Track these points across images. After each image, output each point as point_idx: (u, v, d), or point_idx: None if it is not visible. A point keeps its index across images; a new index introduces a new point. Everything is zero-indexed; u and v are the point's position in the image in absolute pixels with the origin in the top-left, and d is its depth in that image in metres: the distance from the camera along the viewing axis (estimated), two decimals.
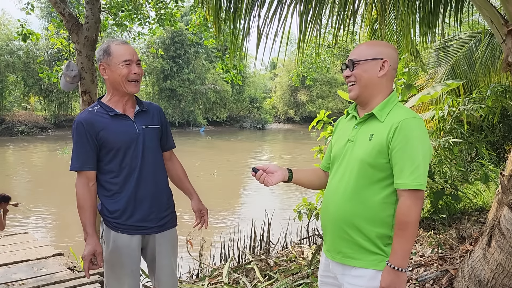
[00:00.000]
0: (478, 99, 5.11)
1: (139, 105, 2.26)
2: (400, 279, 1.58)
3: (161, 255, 2.27)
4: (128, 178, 2.16)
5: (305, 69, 16.35)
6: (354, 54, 1.72)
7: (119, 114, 2.17)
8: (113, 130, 2.13)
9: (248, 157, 19.71)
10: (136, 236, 2.20)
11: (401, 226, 1.57)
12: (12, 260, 4.24)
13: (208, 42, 7.42)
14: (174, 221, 2.36)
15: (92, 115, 2.13)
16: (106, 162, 2.16)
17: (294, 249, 4.91)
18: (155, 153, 2.25)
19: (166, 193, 2.32)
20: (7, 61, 25.96)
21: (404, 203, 1.57)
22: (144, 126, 2.21)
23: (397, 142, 1.58)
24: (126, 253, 2.17)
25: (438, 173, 4.90)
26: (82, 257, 2.09)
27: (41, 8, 27.39)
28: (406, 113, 1.63)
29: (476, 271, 2.82)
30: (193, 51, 33.30)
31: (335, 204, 1.73)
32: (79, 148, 2.12)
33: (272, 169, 1.83)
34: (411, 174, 1.55)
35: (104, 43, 2.17)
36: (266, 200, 9.22)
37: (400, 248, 1.58)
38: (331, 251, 1.78)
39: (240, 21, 3.55)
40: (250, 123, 38.70)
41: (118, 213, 2.16)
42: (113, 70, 2.11)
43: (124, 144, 2.14)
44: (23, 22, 6.53)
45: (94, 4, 4.48)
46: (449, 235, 4.10)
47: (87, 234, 2.10)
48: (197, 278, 4.44)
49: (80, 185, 2.13)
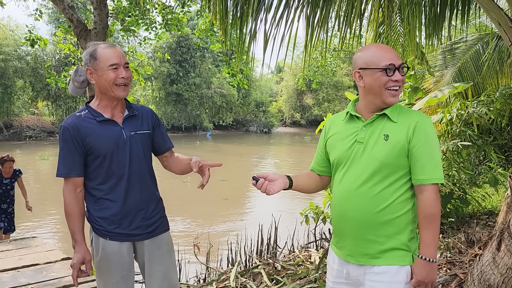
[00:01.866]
0: (486, 102, 5.08)
1: (128, 110, 2.19)
2: (433, 270, 1.65)
3: (153, 262, 2.21)
4: (116, 185, 2.12)
5: (311, 73, 16.35)
6: (399, 58, 1.73)
7: (107, 119, 2.11)
8: (100, 136, 2.07)
9: (254, 161, 19.72)
10: (126, 242, 2.16)
11: (429, 218, 1.65)
12: (21, 264, 4.27)
13: (215, 46, 7.46)
14: (164, 226, 2.28)
15: (79, 120, 2.08)
16: (93, 168, 2.11)
17: (301, 253, 4.90)
18: (143, 159, 2.19)
19: (155, 200, 2.25)
20: (16, 67, 26.26)
21: (429, 197, 1.65)
22: (132, 132, 2.14)
23: (417, 140, 1.66)
24: (115, 260, 2.13)
25: (446, 177, 4.87)
26: (71, 265, 2.06)
27: (49, 14, 27.69)
28: (417, 113, 1.73)
29: (486, 275, 2.80)
30: (199, 55, 33.47)
31: (355, 208, 1.72)
32: (66, 154, 2.08)
33: (273, 178, 1.80)
34: (433, 169, 1.65)
35: (90, 47, 2.12)
36: (273, 204, 9.21)
37: (430, 240, 1.65)
38: (355, 255, 1.76)
39: (247, 25, 3.56)
40: (256, 127, 38.75)
41: (106, 221, 2.12)
42: (100, 75, 2.06)
43: (111, 151, 2.08)
44: (31, 28, 6.60)
45: (102, 10, 4.53)
46: (458, 239, 4.07)
47: (75, 242, 2.07)
48: (204, 282, 4.43)
49: (67, 192, 2.09)
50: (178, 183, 11.41)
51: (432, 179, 1.64)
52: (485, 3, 2.82)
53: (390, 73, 1.68)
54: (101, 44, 2.10)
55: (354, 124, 1.79)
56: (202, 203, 9.91)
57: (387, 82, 1.69)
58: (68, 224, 2.09)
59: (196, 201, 9.70)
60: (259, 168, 17.24)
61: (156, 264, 2.22)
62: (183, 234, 7.25)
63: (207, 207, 9.79)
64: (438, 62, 7.87)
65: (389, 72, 1.68)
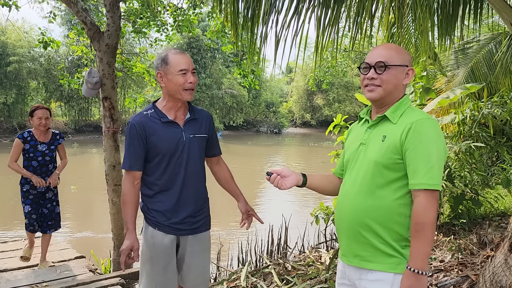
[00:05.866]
0: (500, 103, 5.02)
1: (190, 113, 2.36)
2: (420, 282, 1.55)
3: (192, 255, 2.39)
4: (172, 183, 2.29)
5: (321, 73, 16.30)
6: (383, 56, 1.67)
7: (170, 121, 2.28)
8: (163, 136, 2.25)
9: (264, 161, 19.72)
10: (170, 235, 2.32)
11: (418, 227, 1.55)
12: (36, 262, 4.35)
13: (226, 48, 7.49)
14: (207, 224, 2.48)
15: (146, 119, 2.26)
16: (152, 164, 2.28)
17: (312, 254, 4.90)
18: (198, 161, 2.37)
19: (203, 199, 2.44)
20: (29, 68, 26.58)
21: (420, 203, 1.55)
22: (191, 135, 2.32)
23: (411, 143, 1.58)
24: (160, 250, 2.30)
25: (458, 178, 4.84)
26: (121, 250, 2.23)
27: (61, 16, 28.01)
28: (419, 114, 1.64)
29: (498, 276, 2.78)
30: (210, 56, 33.56)
31: (349, 207, 1.73)
32: (130, 149, 2.25)
33: (286, 173, 1.87)
34: (425, 174, 1.54)
35: (162, 52, 2.30)
36: (283, 205, 9.21)
37: (418, 250, 1.55)
38: (348, 255, 1.76)
39: (258, 27, 3.58)
40: (266, 127, 38.72)
41: (158, 213, 2.29)
42: (170, 79, 2.22)
43: (171, 151, 2.26)
44: (44, 30, 6.69)
45: (115, 13, 4.58)
46: (470, 240, 4.03)
47: (127, 230, 2.24)
48: (215, 281, 4.46)
49: (126, 183, 2.27)
50: None
51: (422, 184, 1.54)
52: (497, 3, 2.81)
53: (365, 72, 1.71)
54: (172, 50, 2.27)
55: (364, 126, 1.81)
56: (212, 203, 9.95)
57: (363, 80, 1.73)
58: (123, 212, 2.29)
59: None
60: (268, 168, 17.20)
61: (196, 258, 2.41)
62: None
63: (217, 207, 9.82)
64: (450, 62, 7.79)
65: (364, 71, 1.72)
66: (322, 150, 20.49)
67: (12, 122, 26.47)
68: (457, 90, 4.65)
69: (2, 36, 25.91)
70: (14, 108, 26.37)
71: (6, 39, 25.91)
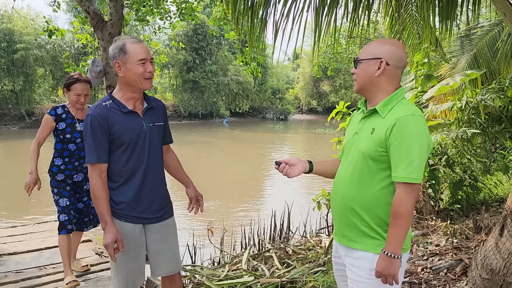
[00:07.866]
0: (497, 89, 5.03)
1: (147, 102, 2.37)
2: (393, 265, 1.70)
3: (162, 243, 2.42)
4: (135, 173, 2.29)
5: (326, 60, 16.24)
6: (360, 53, 1.83)
7: (131, 111, 2.27)
8: (125, 126, 2.24)
9: (270, 148, 19.80)
10: (138, 225, 2.35)
11: (394, 216, 1.69)
12: (44, 246, 4.50)
13: (229, 35, 7.52)
14: (171, 211, 2.51)
15: (106, 110, 2.23)
16: (115, 155, 2.27)
17: (313, 239, 5.00)
18: (158, 149, 2.39)
19: (164, 187, 2.47)
20: (36, 55, 26.68)
21: (399, 195, 1.69)
22: (151, 124, 2.33)
23: (394, 138, 1.68)
24: (129, 240, 2.31)
25: (457, 164, 4.88)
26: (105, 245, 2.20)
27: (67, 3, 27.98)
28: (406, 110, 1.71)
29: (489, 260, 2.86)
30: (216, 43, 33.42)
31: (340, 192, 1.88)
32: (95, 141, 2.20)
33: (294, 162, 1.98)
34: (405, 168, 1.66)
35: (118, 41, 2.25)
36: (287, 191, 9.30)
37: (393, 236, 1.69)
38: (338, 235, 1.93)
39: (258, 13, 3.62)
40: (272, 114, 38.67)
41: (123, 204, 2.30)
42: (129, 68, 2.21)
43: (133, 141, 2.26)
44: (48, 19, 6.76)
45: (118, 2, 4.64)
46: (466, 225, 4.11)
47: (106, 223, 2.22)
48: (218, 264, 4.59)
49: (94, 177, 2.22)
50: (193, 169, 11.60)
51: (402, 178, 1.66)
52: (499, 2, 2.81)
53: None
54: (129, 39, 2.24)
55: (360, 116, 1.92)
56: (216, 190, 10.09)
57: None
58: (97, 208, 2.24)
59: (210, 188, 9.87)
60: (274, 156, 17.31)
61: (165, 244, 2.44)
62: (198, 217, 7.41)
63: (221, 193, 9.96)
64: (455, 48, 7.74)
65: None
66: (327, 137, 20.49)
67: (20, 109, 26.68)
68: (457, 77, 4.66)
69: (9, 23, 25.97)
70: (22, 95, 26.56)
71: (12, 26, 25.97)
